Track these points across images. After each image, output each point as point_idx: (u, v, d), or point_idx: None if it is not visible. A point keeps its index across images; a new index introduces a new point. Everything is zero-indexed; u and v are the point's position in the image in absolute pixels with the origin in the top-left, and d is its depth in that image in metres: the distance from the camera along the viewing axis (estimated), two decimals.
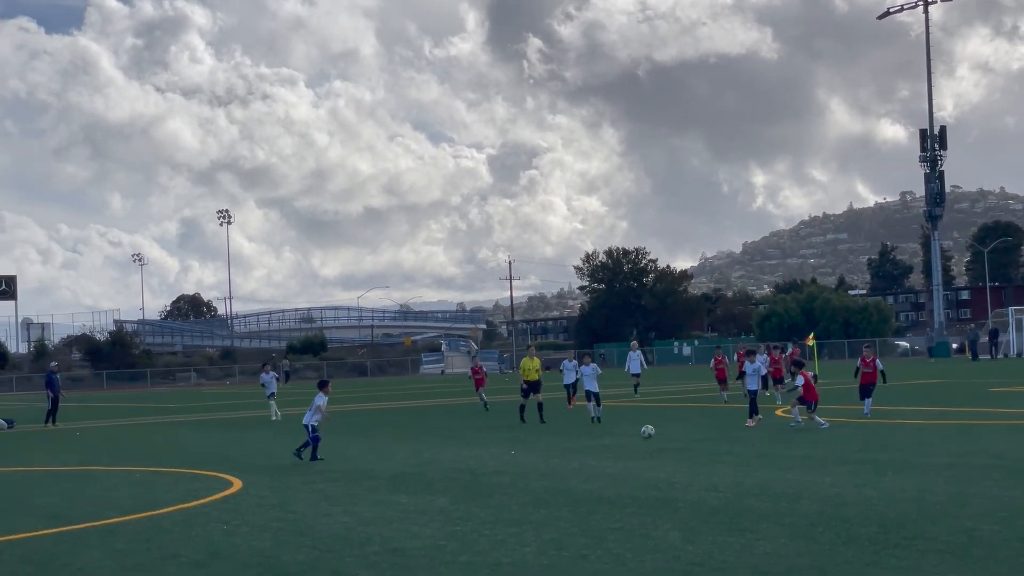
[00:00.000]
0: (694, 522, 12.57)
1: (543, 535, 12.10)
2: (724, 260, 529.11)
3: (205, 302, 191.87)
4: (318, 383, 22.41)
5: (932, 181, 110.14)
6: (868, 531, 11.57)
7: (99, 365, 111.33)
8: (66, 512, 15.58)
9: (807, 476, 16.39)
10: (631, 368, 42.64)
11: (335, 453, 23.43)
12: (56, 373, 40.76)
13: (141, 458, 24.34)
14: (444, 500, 15.28)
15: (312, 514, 14.41)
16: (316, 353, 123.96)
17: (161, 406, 54.58)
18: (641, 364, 42.85)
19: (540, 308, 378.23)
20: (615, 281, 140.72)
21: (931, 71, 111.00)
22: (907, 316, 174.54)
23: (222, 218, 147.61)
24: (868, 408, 27.72)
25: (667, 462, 19.07)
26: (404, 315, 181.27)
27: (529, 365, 31.07)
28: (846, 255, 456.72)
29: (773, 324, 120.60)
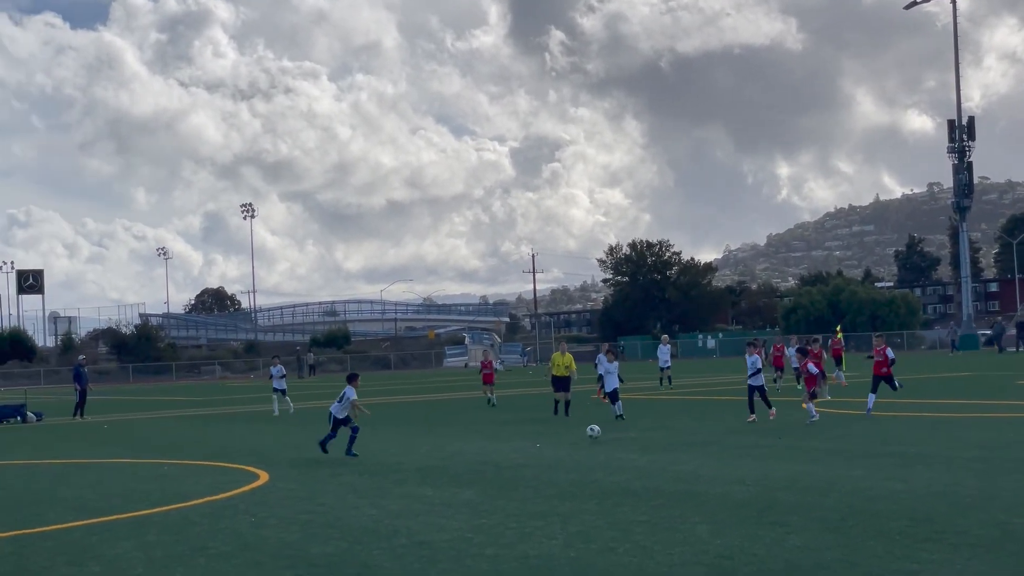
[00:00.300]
0: (722, 515, 12.53)
1: (570, 528, 12.09)
2: (748, 252, 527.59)
3: (229, 296, 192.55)
4: (347, 376, 21.84)
5: (960, 172, 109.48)
6: (898, 525, 11.51)
7: (125, 358, 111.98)
8: (96, 504, 15.66)
9: (836, 469, 16.32)
10: (661, 360, 43.93)
11: (360, 446, 23.47)
12: (84, 366, 41.01)
13: (168, 451, 24.45)
14: (470, 493, 15.28)
15: (339, 507, 14.43)
16: (340, 347, 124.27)
17: (187, 399, 54.82)
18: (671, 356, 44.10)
19: (563, 301, 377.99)
20: (639, 274, 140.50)
21: (959, 61, 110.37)
22: (935, 308, 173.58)
23: (246, 212, 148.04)
24: (870, 405, 26.35)
25: (694, 455, 19.02)
26: (427, 308, 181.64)
27: (559, 361, 30.15)
28: (872, 247, 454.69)
29: (799, 317, 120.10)
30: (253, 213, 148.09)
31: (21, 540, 12.77)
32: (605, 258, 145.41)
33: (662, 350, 44.73)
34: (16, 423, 38.19)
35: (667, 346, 45.02)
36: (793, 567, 9.65)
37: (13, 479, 19.91)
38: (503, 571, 9.98)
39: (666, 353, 44.24)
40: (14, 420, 38.56)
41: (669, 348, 45.02)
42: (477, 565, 10.28)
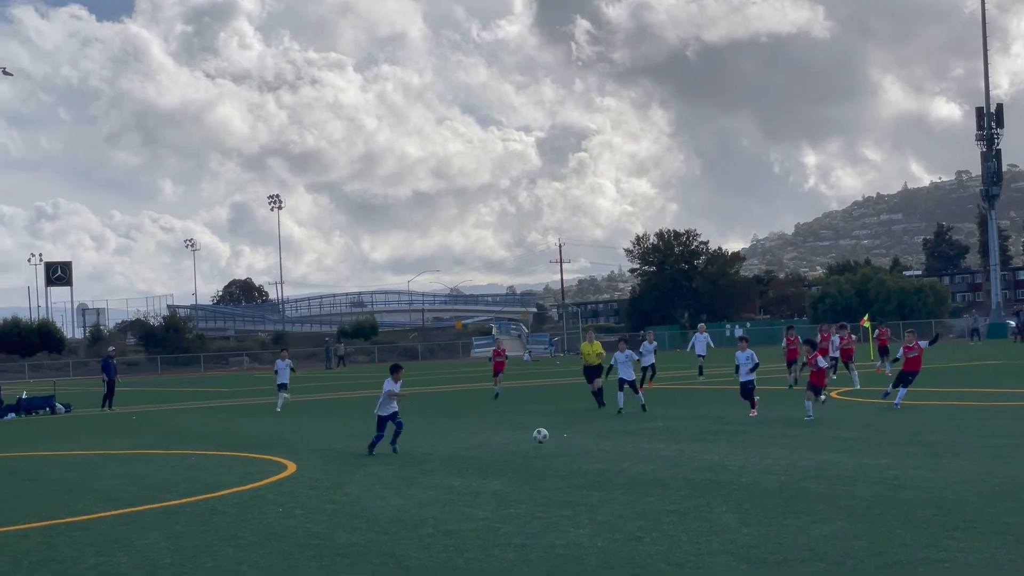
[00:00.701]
0: (749, 504, 12.50)
1: (597, 517, 12.08)
2: (776, 241, 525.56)
3: (257, 287, 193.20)
4: (390, 367, 20.59)
5: (989, 160, 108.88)
6: (926, 513, 11.46)
7: (153, 350, 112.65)
8: (124, 495, 15.76)
9: (863, 458, 16.26)
10: (697, 349, 42.73)
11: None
12: (112, 358, 41.25)
13: (196, 442, 24.58)
14: (497, 483, 15.30)
15: (366, 497, 14.47)
16: (367, 337, 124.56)
17: (214, 390, 55.06)
18: (708, 345, 42.94)
19: (590, 291, 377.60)
20: (666, 263, 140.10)
21: (987, 48, 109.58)
22: (963, 297, 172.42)
23: (273, 203, 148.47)
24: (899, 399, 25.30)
25: (721, 444, 18.98)
26: (454, 299, 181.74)
27: (589, 350, 29.77)
28: (901, 236, 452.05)
29: (826, 306, 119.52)
30: (280, 204, 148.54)
31: (51, 530, 12.86)
32: (632, 248, 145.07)
33: (698, 338, 43.19)
34: (45, 414, 38.47)
35: (704, 335, 43.58)
36: (819, 556, 9.62)
37: (42, 470, 20.06)
38: (530, 560, 9.99)
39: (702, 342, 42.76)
40: (43, 411, 38.84)
41: (706, 337, 43.48)
42: (504, 554, 10.30)
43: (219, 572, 10.09)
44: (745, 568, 9.29)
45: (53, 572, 10.44)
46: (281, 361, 34.66)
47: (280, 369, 34.36)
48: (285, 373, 34.23)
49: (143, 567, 10.46)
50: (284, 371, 34.25)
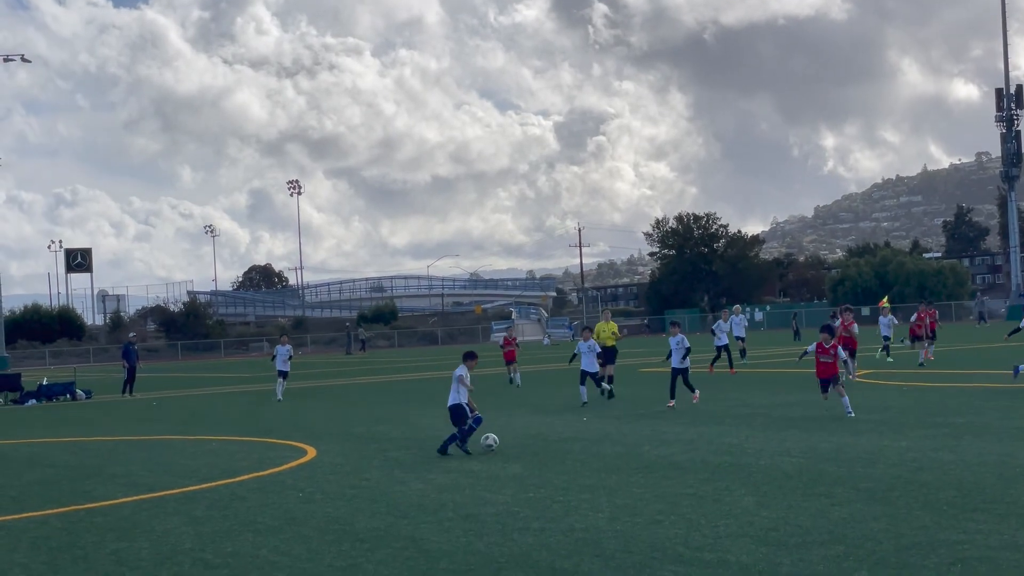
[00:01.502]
0: (768, 487, 12.49)
1: (616, 500, 12.09)
2: (796, 224, 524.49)
3: (276, 272, 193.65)
4: (464, 354, 18.90)
5: (1009, 141, 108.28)
6: (946, 495, 11.43)
7: (173, 336, 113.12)
8: (145, 480, 15.83)
9: (882, 440, 16.22)
10: (735, 332, 40.34)
11: (408, 421, 23.60)
12: (134, 344, 41.38)
13: (217, 427, 24.66)
14: (517, 467, 15.31)
15: (386, 481, 14.51)
16: (387, 322, 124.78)
17: (235, 376, 55.22)
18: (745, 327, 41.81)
19: (610, 275, 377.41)
20: (685, 247, 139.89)
21: (1006, 29, 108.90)
22: (983, 279, 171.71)
23: (292, 189, 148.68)
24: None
25: (740, 427, 18.96)
26: (474, 283, 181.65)
27: (604, 328, 28.49)
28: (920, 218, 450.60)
29: (846, 289, 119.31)
30: (300, 190, 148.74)
31: (71, 516, 12.93)
32: (652, 231, 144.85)
33: (734, 321, 40.63)
34: (66, 401, 38.64)
35: (740, 316, 41.88)
36: (838, 538, 9.60)
37: (63, 456, 20.16)
38: (549, 544, 10.00)
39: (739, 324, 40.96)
40: (64, 398, 39.02)
41: (742, 319, 42.02)
42: (523, 538, 10.31)
43: (239, 557, 10.14)
44: (764, 551, 9.28)
45: (74, 558, 10.50)
46: (281, 347, 33.63)
47: (280, 355, 33.34)
48: (283, 361, 33.19)
49: (163, 552, 10.51)
50: (282, 358, 33.23)
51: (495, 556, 9.61)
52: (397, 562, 9.56)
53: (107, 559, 10.34)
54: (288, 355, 33.39)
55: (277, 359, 33.45)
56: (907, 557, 8.83)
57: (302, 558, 9.94)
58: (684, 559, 9.14)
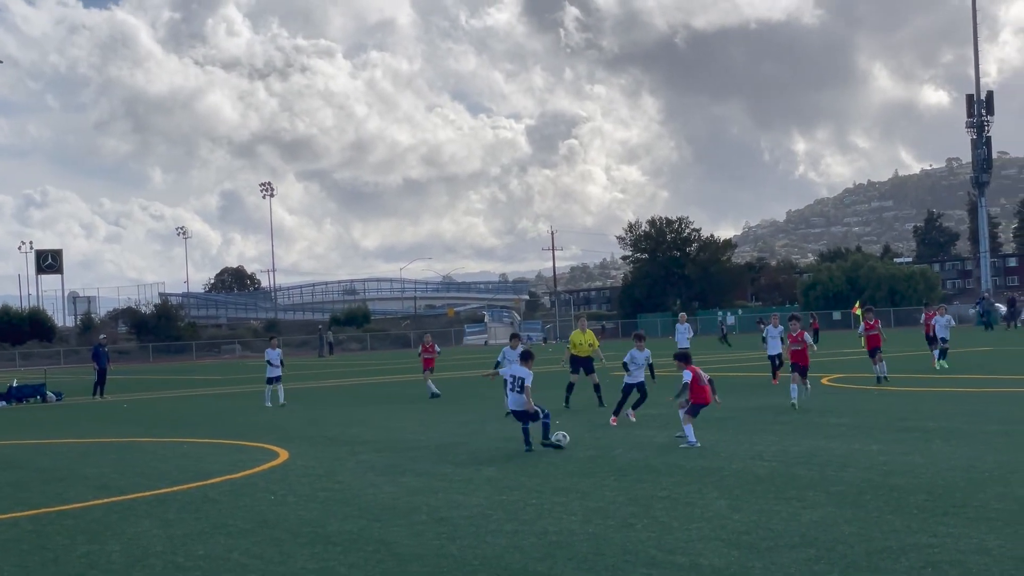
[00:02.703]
0: (740, 491, 12.53)
1: (589, 504, 12.11)
2: (768, 229, 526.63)
3: (249, 275, 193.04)
4: (521, 354, 18.55)
5: (979, 147, 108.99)
6: (916, 499, 11.50)
7: (145, 338, 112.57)
8: (116, 483, 15.75)
9: (854, 444, 16.30)
10: (679, 342, 38.51)
11: (381, 424, 23.57)
12: (104, 346, 41.18)
13: (188, 429, 24.56)
14: (490, 470, 15.31)
15: (358, 484, 14.48)
16: (359, 325, 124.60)
17: (206, 378, 55.02)
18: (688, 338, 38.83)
19: (583, 278, 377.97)
20: (658, 251, 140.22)
21: (977, 37, 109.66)
22: (954, 284, 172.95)
23: (264, 191, 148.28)
24: (795, 396, 22.71)
25: (712, 431, 19.00)
26: (447, 286, 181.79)
27: (581, 339, 26.62)
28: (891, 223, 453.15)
29: (818, 293, 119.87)
30: (272, 192, 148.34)
31: (42, 519, 12.86)
32: (624, 235, 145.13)
33: (679, 329, 39.44)
34: (36, 403, 38.42)
35: (684, 325, 39.50)
36: (810, 542, 9.65)
37: (34, 458, 20.04)
38: (522, 547, 10.01)
39: (683, 333, 39.02)
40: (34, 400, 38.80)
41: (687, 328, 39.45)
42: (496, 541, 10.31)
43: (211, 559, 10.10)
44: (736, 554, 9.32)
45: (44, 560, 10.44)
46: (272, 350, 31.53)
47: (271, 359, 31.06)
48: (273, 365, 30.89)
49: (134, 555, 10.46)
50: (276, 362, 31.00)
51: (468, 559, 9.61)
52: (369, 565, 9.55)
53: (78, 562, 10.29)
54: (279, 358, 31.25)
55: (271, 365, 30.94)
56: (878, 561, 8.88)
57: (274, 561, 9.91)
58: (656, 562, 9.16)
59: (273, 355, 31.12)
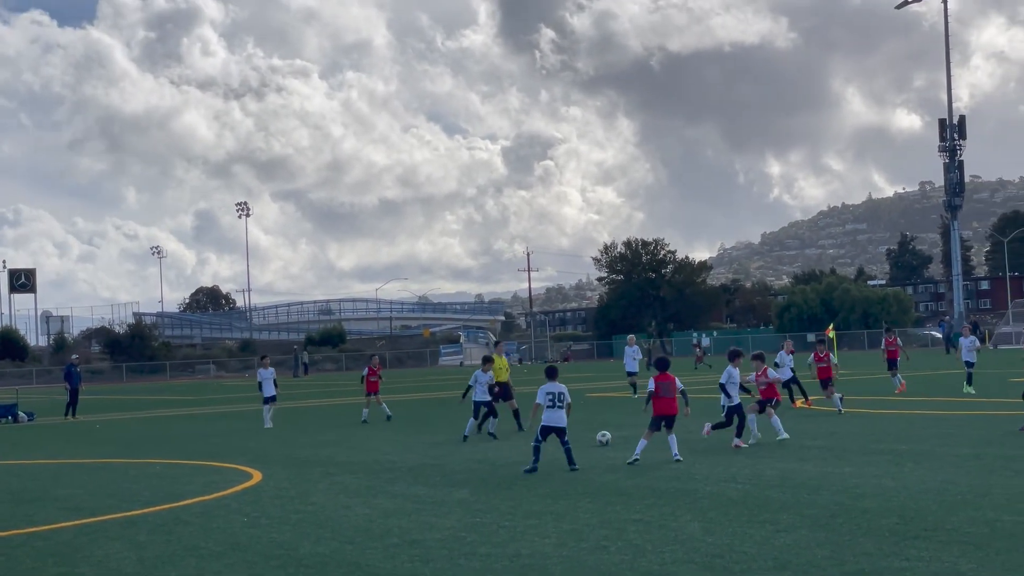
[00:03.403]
0: (713, 513, 12.54)
1: (563, 526, 12.10)
2: (743, 251, 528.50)
3: (224, 294, 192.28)
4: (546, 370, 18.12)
5: (952, 171, 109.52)
6: (888, 522, 11.53)
7: (118, 358, 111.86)
8: (87, 504, 15.65)
9: (826, 467, 16.35)
10: (627, 365, 37.84)
11: (355, 445, 23.51)
12: (76, 366, 40.94)
13: (161, 450, 24.43)
14: (463, 492, 15.29)
15: (331, 506, 14.43)
16: (335, 345, 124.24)
17: (180, 398, 54.75)
18: (636, 360, 37.92)
19: (558, 299, 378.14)
20: (633, 272, 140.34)
21: (949, 62, 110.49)
22: (927, 306, 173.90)
23: (240, 210, 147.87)
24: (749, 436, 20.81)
25: (686, 453, 19.01)
26: (422, 307, 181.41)
27: (501, 364, 26.38)
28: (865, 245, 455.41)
29: (792, 315, 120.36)
30: (248, 212, 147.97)
31: (11, 541, 12.75)
32: (600, 256, 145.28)
33: (628, 352, 38.28)
34: (8, 423, 38.14)
35: (633, 347, 38.34)
36: (783, 565, 9.66)
37: (4, 479, 19.88)
38: (495, 570, 9.99)
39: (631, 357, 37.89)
40: (6, 420, 38.52)
41: (636, 350, 38.28)
42: (469, 564, 10.29)
43: None
44: None
45: None
46: (264, 370, 30.98)
47: (264, 380, 30.66)
48: (270, 384, 30.56)
49: None
50: (269, 382, 30.59)
51: None
52: None
53: None
54: (273, 379, 30.77)
55: (263, 385, 30.60)
56: None
57: None
58: None
59: (266, 375, 30.76)
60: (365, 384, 31.82)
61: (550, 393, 17.35)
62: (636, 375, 37.53)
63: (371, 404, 31.44)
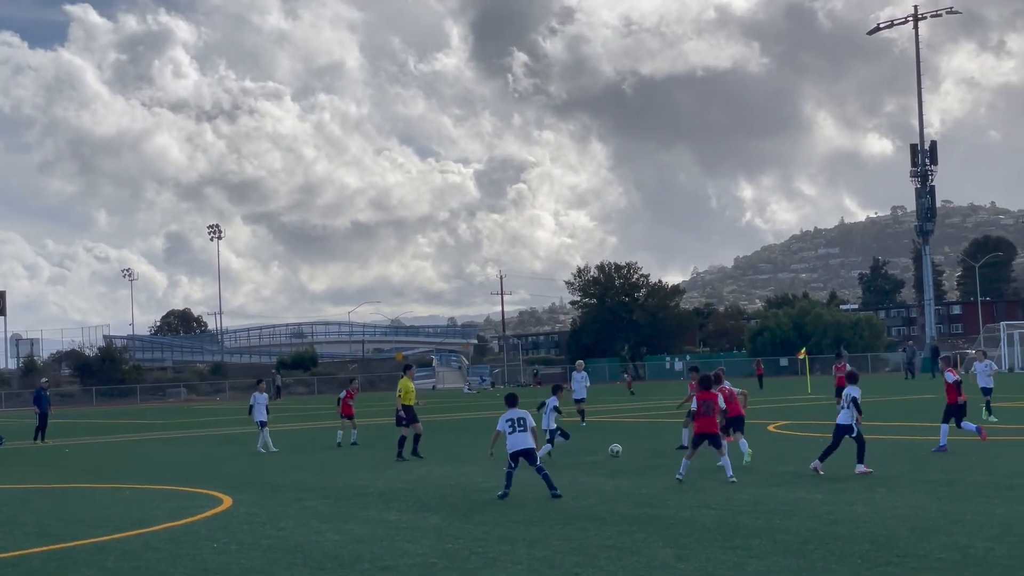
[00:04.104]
0: (686, 539, 12.52)
1: (535, 553, 12.05)
2: (716, 275, 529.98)
3: (195, 317, 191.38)
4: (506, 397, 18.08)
5: (923, 196, 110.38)
6: (860, 548, 11.54)
7: (88, 381, 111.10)
8: (55, 530, 15.49)
9: (799, 493, 16.36)
10: (576, 391, 36.49)
11: (325, 470, 23.39)
12: (45, 390, 40.64)
13: (130, 475, 24.24)
14: (436, 517, 15.22)
15: (302, 532, 14.34)
16: (307, 368, 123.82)
17: (151, 422, 54.40)
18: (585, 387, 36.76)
19: (531, 323, 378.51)
20: (606, 296, 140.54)
21: (921, 87, 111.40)
22: (899, 331, 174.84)
23: (212, 233, 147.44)
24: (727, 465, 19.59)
25: (659, 479, 19.01)
26: (395, 330, 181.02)
27: (408, 387, 26.02)
28: (838, 270, 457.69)
29: (765, 339, 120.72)
30: (220, 234, 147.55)
31: None
32: (573, 280, 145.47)
33: (576, 378, 37.08)
34: None
35: (582, 373, 37.26)
36: None
37: None
38: None
39: (580, 383, 36.64)
40: None
41: (584, 376, 37.15)
42: None
43: None
44: None
45: None
46: (259, 394, 30.41)
47: (257, 404, 30.15)
48: (262, 409, 30.04)
49: None
50: (261, 407, 30.06)
51: None
52: None
53: None
54: (265, 405, 30.33)
55: (255, 409, 30.19)
56: None
57: None
58: None
59: (260, 399, 30.26)
60: (341, 407, 31.62)
61: (510, 419, 17.36)
62: (584, 401, 36.63)
63: (346, 428, 31.26)
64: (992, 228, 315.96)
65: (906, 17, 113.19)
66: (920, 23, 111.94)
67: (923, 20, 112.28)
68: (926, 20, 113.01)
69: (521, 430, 17.25)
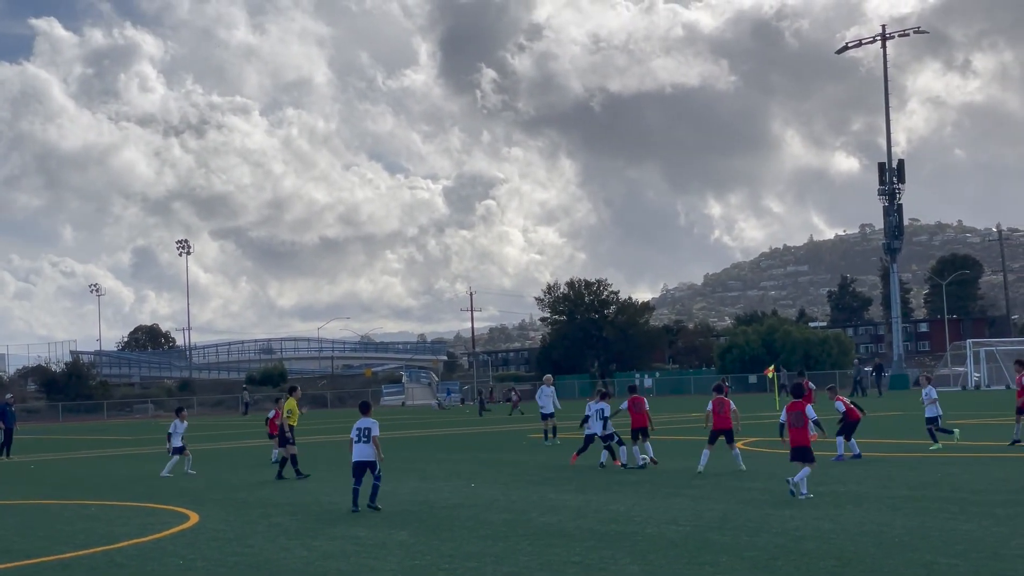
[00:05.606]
0: (654, 555, 12.53)
1: (502, 568, 12.03)
2: (685, 292, 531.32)
3: (163, 333, 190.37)
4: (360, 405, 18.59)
5: (891, 214, 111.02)
6: (827, 564, 11.58)
7: (55, 397, 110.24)
8: (20, 546, 15.36)
9: (767, 509, 16.40)
10: (544, 407, 35.76)
11: (293, 486, 23.29)
12: (11, 405, 40.30)
13: (97, 491, 24.08)
14: (403, 534, 15.18)
15: (270, 548, 14.27)
16: (276, 384, 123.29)
17: (118, 438, 54.04)
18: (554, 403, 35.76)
19: (501, 339, 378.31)
20: (576, 312, 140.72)
21: (888, 106, 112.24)
22: (867, 348, 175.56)
23: (181, 248, 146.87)
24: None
25: (627, 495, 19.03)
26: (364, 346, 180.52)
27: (292, 407, 25.92)
28: (807, 287, 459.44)
29: (734, 356, 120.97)
30: (188, 249, 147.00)
31: None
32: (543, 296, 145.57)
33: (543, 392, 36.29)
34: None
35: (549, 388, 36.21)
36: None
37: None
38: None
39: (547, 397, 35.74)
40: None
41: (552, 391, 36.05)
42: None
43: None
44: None
45: None
46: (180, 423, 28.60)
47: (175, 432, 28.30)
48: (178, 439, 28.21)
49: None
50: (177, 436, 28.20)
51: None
52: None
53: None
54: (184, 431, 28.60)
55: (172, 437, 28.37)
56: None
57: None
58: None
59: (180, 427, 28.49)
60: (268, 425, 30.85)
61: (358, 428, 17.67)
62: (552, 417, 35.65)
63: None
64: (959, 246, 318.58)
65: (874, 36, 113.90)
66: (887, 43, 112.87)
67: (891, 40, 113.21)
68: (893, 40, 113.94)
69: (365, 441, 17.59)
